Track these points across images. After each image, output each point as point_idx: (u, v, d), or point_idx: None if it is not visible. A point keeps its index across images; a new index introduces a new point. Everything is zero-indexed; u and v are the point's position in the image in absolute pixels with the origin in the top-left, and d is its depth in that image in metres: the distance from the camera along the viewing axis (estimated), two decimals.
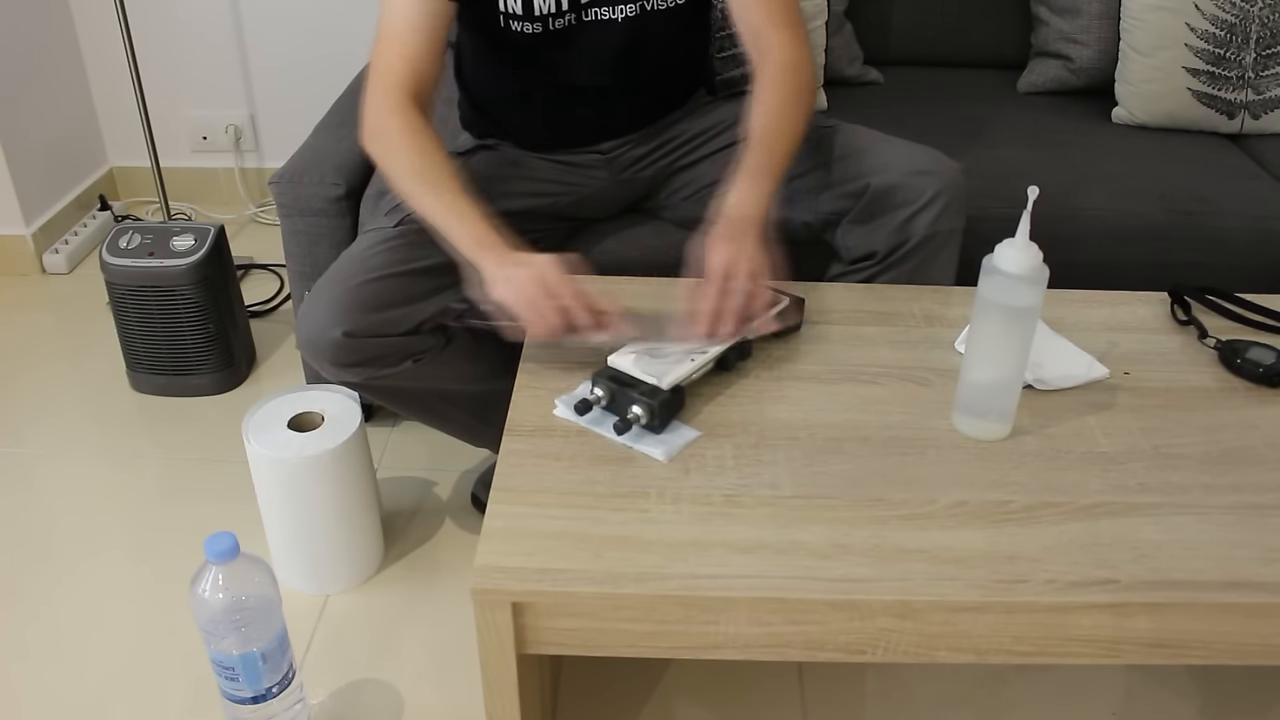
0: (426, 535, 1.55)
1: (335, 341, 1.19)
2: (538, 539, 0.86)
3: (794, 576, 0.83)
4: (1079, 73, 1.91)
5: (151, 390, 1.86)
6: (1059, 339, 1.13)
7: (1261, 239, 1.56)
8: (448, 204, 1.13)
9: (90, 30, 2.37)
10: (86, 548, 1.52)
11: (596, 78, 1.33)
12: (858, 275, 1.30)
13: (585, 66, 1.32)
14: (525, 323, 1.05)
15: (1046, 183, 1.61)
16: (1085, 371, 1.08)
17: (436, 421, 1.43)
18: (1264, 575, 0.84)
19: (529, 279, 1.05)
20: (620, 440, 0.98)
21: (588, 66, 1.32)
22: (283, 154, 2.47)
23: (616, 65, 1.32)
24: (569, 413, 1.00)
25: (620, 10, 1.27)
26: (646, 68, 1.35)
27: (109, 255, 1.76)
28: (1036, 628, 0.84)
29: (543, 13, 1.25)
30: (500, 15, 1.25)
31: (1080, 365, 1.09)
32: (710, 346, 1.04)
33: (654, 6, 1.28)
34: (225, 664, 1.11)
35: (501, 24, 1.26)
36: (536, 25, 1.26)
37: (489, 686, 0.88)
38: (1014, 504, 0.91)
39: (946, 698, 1.29)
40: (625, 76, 1.34)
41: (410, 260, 1.23)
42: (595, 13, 1.27)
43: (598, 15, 1.27)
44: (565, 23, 1.27)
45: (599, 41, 1.29)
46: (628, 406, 0.97)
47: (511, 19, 1.26)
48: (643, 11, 1.28)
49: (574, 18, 1.27)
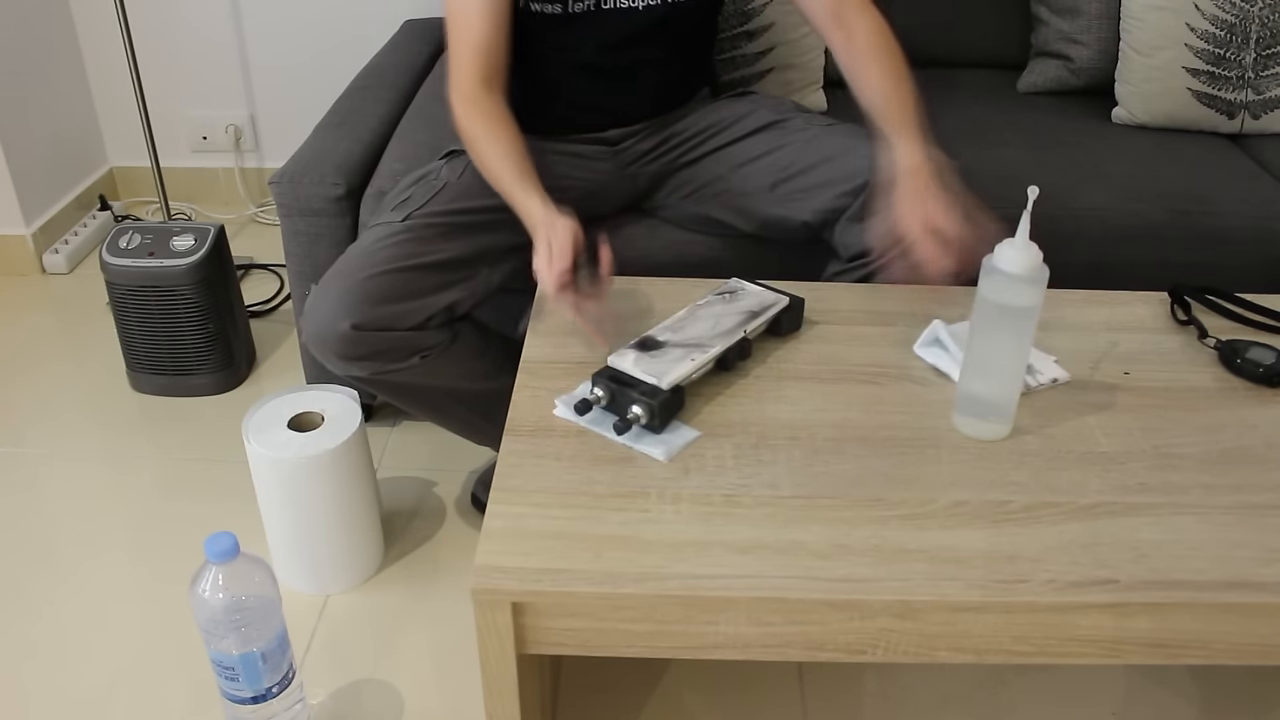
0: (426, 535, 1.55)
1: (343, 334, 1.19)
2: (538, 539, 0.86)
3: (794, 576, 0.83)
4: (1079, 73, 1.91)
5: (151, 390, 1.86)
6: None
7: (1261, 239, 1.56)
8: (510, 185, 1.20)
9: (90, 30, 2.37)
10: (87, 548, 1.52)
11: (611, 60, 1.35)
12: (855, 273, 1.30)
13: (601, 48, 1.33)
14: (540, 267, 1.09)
15: (1046, 183, 1.61)
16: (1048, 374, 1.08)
17: (440, 418, 1.43)
18: (1264, 575, 0.84)
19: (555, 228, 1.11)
20: (620, 440, 0.98)
21: (604, 48, 1.33)
22: (283, 154, 2.47)
23: (633, 50, 1.34)
24: (569, 413, 1.00)
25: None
26: (661, 55, 1.37)
27: (109, 255, 1.76)
28: (1036, 628, 0.84)
29: None
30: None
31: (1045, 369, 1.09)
32: (710, 346, 1.04)
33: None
34: (225, 664, 1.11)
35: (522, 3, 1.28)
36: (556, 6, 1.29)
37: (489, 686, 0.88)
38: (1014, 504, 0.91)
39: (946, 698, 1.29)
40: (639, 62, 1.36)
41: (418, 255, 1.24)
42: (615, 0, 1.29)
43: (617, 3, 1.29)
44: (585, 6, 1.29)
45: (618, 27, 1.31)
46: (628, 406, 0.97)
47: (534, 1, 1.27)
48: (663, 2, 1.30)
49: (594, 3, 1.29)
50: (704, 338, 1.05)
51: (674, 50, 1.39)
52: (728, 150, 1.41)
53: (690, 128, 1.44)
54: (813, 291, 1.23)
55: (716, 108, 1.46)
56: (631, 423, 0.97)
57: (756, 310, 1.11)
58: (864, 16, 1.30)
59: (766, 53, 1.76)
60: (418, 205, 1.29)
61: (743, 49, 1.75)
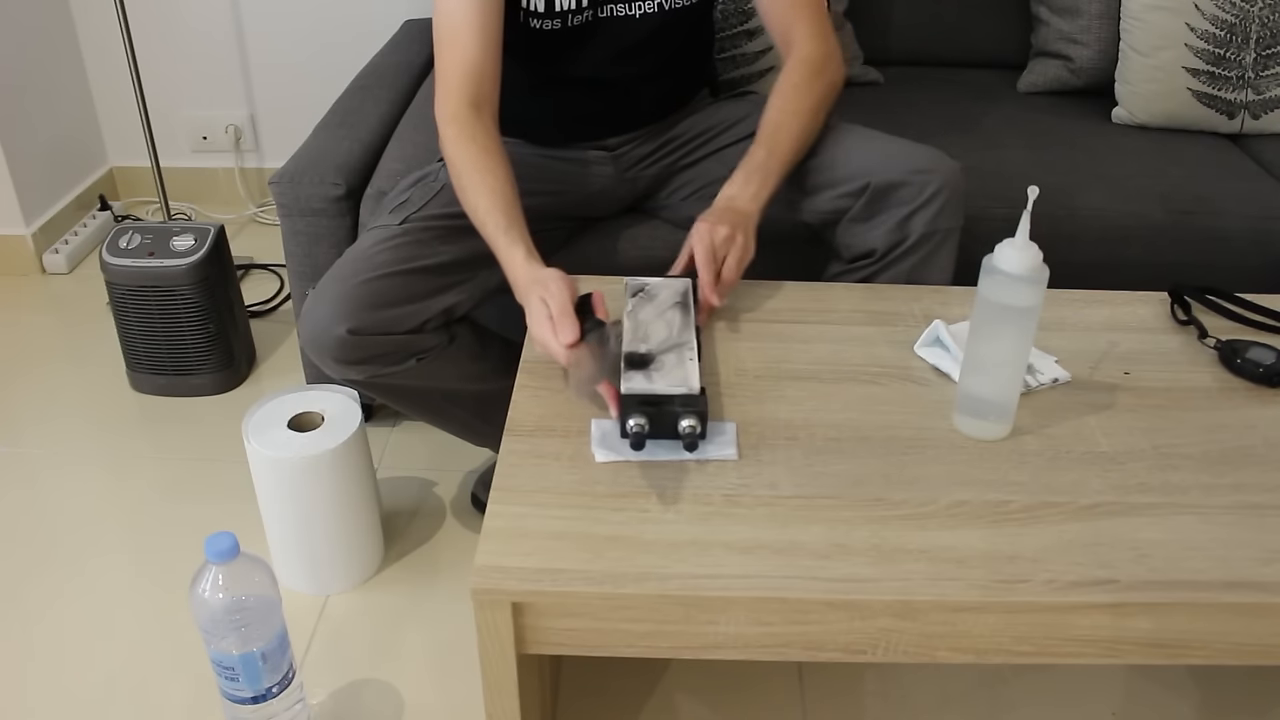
0: (426, 535, 1.55)
1: (339, 339, 1.19)
2: (538, 539, 0.86)
3: (794, 576, 0.83)
4: (1079, 73, 1.91)
5: (151, 390, 1.86)
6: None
7: (1261, 239, 1.56)
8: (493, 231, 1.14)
9: (90, 30, 2.37)
10: (87, 548, 1.52)
11: (610, 72, 1.34)
12: (857, 274, 1.30)
13: (600, 61, 1.33)
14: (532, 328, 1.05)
15: (1046, 183, 1.60)
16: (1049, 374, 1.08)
17: (438, 420, 1.43)
18: (1264, 575, 0.84)
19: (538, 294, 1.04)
20: (692, 456, 0.95)
21: (602, 61, 1.33)
22: (283, 154, 2.46)
23: (631, 61, 1.34)
24: (615, 454, 0.96)
25: (639, 7, 1.29)
26: (659, 65, 1.36)
27: (109, 255, 1.76)
28: (1036, 628, 0.84)
29: (562, 9, 1.26)
30: (521, 12, 1.27)
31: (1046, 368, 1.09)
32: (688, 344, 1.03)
33: (672, 5, 1.30)
34: (225, 664, 1.11)
35: (522, 19, 1.28)
36: (556, 21, 1.28)
37: (489, 686, 0.88)
38: (1014, 504, 0.91)
39: (946, 698, 1.29)
40: (638, 73, 1.36)
41: (415, 258, 1.23)
42: (612, 9, 1.29)
43: (614, 11, 1.29)
44: (584, 19, 1.28)
45: (616, 37, 1.31)
46: (675, 423, 0.94)
47: (532, 16, 1.27)
48: (660, 10, 1.29)
49: (591, 14, 1.28)
50: (673, 338, 1.04)
51: (672, 56, 1.38)
52: (728, 151, 1.41)
53: (690, 130, 1.44)
54: (813, 291, 1.23)
55: (716, 109, 1.46)
56: (692, 436, 0.94)
57: (683, 301, 1.10)
58: (807, 44, 1.28)
59: (766, 52, 1.76)
60: (415, 208, 1.29)
61: (743, 48, 1.75)
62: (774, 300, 1.22)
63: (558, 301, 1.01)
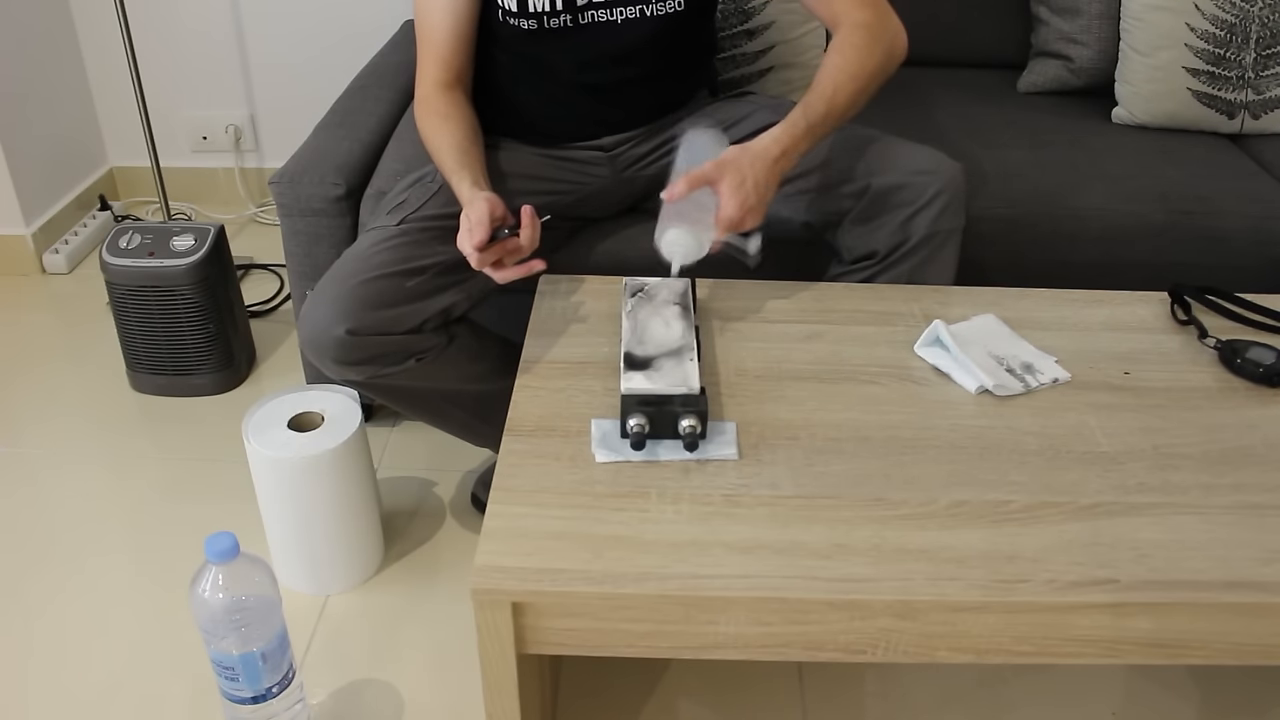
0: (426, 535, 1.55)
1: (338, 339, 1.19)
2: (538, 539, 0.86)
3: (794, 576, 0.83)
4: (1079, 73, 1.91)
5: (151, 390, 1.86)
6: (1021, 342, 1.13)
7: (1261, 239, 1.56)
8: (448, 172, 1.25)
9: (90, 30, 2.36)
10: (86, 548, 1.52)
11: (598, 75, 1.34)
12: (858, 275, 1.30)
13: (586, 64, 1.32)
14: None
15: (1046, 183, 1.61)
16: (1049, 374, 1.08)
17: (438, 420, 1.43)
18: (1264, 575, 0.84)
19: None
20: (692, 456, 0.95)
21: (589, 64, 1.32)
22: (283, 154, 2.45)
23: (619, 65, 1.33)
24: (615, 455, 0.96)
25: (620, 13, 1.28)
26: (651, 68, 1.35)
27: (109, 255, 1.76)
28: (1036, 628, 0.84)
29: (536, 10, 1.26)
30: (498, 9, 1.27)
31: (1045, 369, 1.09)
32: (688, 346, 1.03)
33: (654, 12, 1.29)
34: (225, 664, 1.11)
35: (500, 18, 1.28)
36: (531, 22, 1.28)
37: (489, 686, 0.88)
38: (1014, 504, 0.91)
39: (946, 698, 1.29)
40: (628, 76, 1.35)
41: (413, 259, 1.23)
42: (593, 15, 1.27)
43: (595, 17, 1.28)
44: (561, 23, 1.28)
45: (598, 42, 1.30)
46: (675, 423, 0.95)
47: (508, 15, 1.27)
48: (643, 16, 1.29)
49: (569, 19, 1.27)
50: (673, 339, 1.04)
51: (664, 61, 1.37)
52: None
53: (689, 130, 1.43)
54: (813, 291, 1.23)
55: (716, 109, 1.46)
56: (692, 436, 0.95)
57: (682, 302, 1.11)
58: (858, 11, 1.25)
59: (766, 51, 1.76)
60: (413, 209, 1.29)
61: (743, 48, 1.75)
62: (774, 300, 1.22)
63: (477, 213, 1.11)
